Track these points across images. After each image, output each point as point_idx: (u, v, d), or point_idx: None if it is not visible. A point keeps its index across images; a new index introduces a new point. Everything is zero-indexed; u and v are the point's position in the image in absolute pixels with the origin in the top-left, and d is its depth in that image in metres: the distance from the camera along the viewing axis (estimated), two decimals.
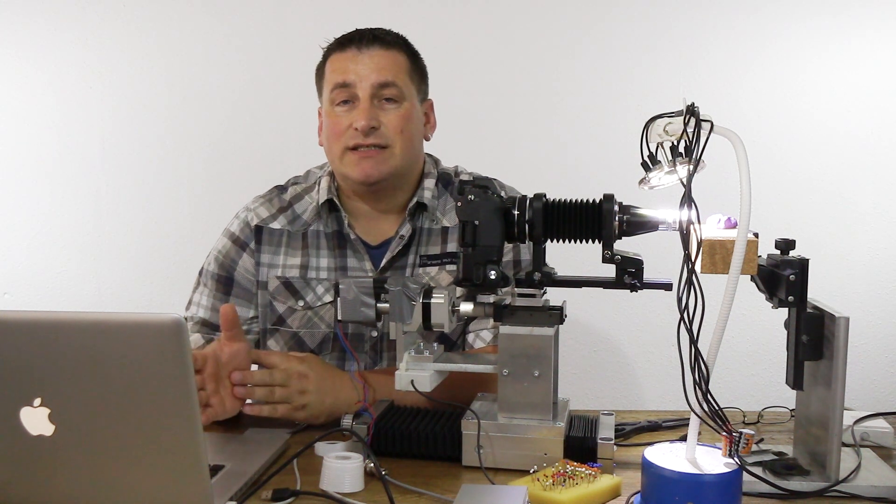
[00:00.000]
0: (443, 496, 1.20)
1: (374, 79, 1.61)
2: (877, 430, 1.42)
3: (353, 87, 1.61)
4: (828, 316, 1.22)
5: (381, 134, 1.61)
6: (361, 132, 1.59)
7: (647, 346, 2.39)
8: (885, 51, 2.30)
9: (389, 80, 1.62)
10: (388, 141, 1.62)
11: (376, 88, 1.61)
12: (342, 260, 1.70)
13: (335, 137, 1.63)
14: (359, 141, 1.60)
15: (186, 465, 0.99)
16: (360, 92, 1.61)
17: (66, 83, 2.42)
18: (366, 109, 1.60)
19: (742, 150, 1.12)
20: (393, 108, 1.63)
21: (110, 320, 0.97)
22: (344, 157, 1.63)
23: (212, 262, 1.72)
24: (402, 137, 1.63)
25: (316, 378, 1.47)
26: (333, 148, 1.64)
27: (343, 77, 1.62)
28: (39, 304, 2.44)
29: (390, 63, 1.64)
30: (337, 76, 1.63)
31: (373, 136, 1.60)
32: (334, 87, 1.63)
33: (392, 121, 1.62)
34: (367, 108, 1.60)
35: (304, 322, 1.70)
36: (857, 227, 2.34)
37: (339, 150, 1.63)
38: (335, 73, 1.64)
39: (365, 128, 1.59)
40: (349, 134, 1.61)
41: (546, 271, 1.33)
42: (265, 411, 1.45)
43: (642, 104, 2.28)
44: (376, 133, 1.60)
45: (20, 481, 1.03)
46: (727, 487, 1.11)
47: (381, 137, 1.61)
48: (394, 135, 1.62)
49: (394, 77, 1.63)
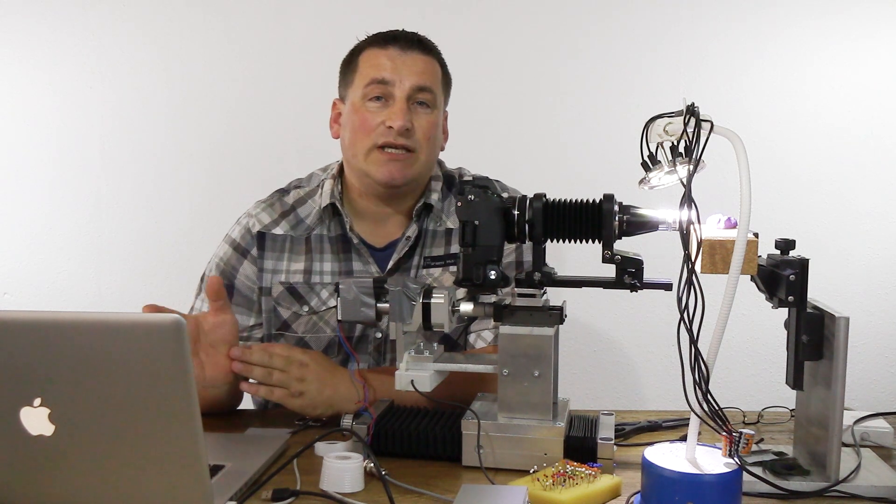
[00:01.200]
0: (443, 496, 1.20)
1: (413, 81, 1.60)
2: (877, 430, 1.42)
3: (391, 86, 1.60)
4: (828, 316, 1.22)
5: (412, 137, 1.60)
6: (397, 131, 1.58)
7: (647, 346, 2.39)
8: (885, 51, 2.30)
9: (427, 84, 1.62)
10: (417, 145, 1.61)
11: (414, 91, 1.61)
12: (346, 264, 1.70)
13: (364, 133, 1.61)
14: (390, 140, 1.59)
15: (186, 465, 0.99)
16: (397, 91, 1.60)
17: (66, 84, 2.42)
18: (403, 110, 1.59)
19: (742, 150, 1.12)
20: (425, 113, 1.63)
21: (110, 320, 0.97)
22: (370, 155, 1.61)
23: (213, 268, 1.72)
24: (429, 144, 1.63)
25: (316, 368, 1.48)
26: (359, 143, 1.62)
27: (382, 73, 1.61)
28: (39, 304, 2.44)
29: (429, 69, 1.64)
30: (375, 71, 1.61)
31: (405, 137, 1.59)
32: (371, 82, 1.61)
33: (423, 126, 1.62)
34: (404, 108, 1.59)
35: (309, 327, 1.69)
36: (857, 227, 2.34)
37: (366, 146, 1.61)
38: (373, 67, 1.62)
39: (401, 128, 1.58)
40: (380, 131, 1.60)
41: (546, 271, 1.33)
42: (261, 392, 1.45)
43: (642, 104, 2.28)
44: (409, 135, 1.60)
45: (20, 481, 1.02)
46: (727, 487, 1.11)
47: (412, 140, 1.60)
48: (423, 140, 1.62)
49: (431, 82, 1.63)
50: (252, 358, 1.47)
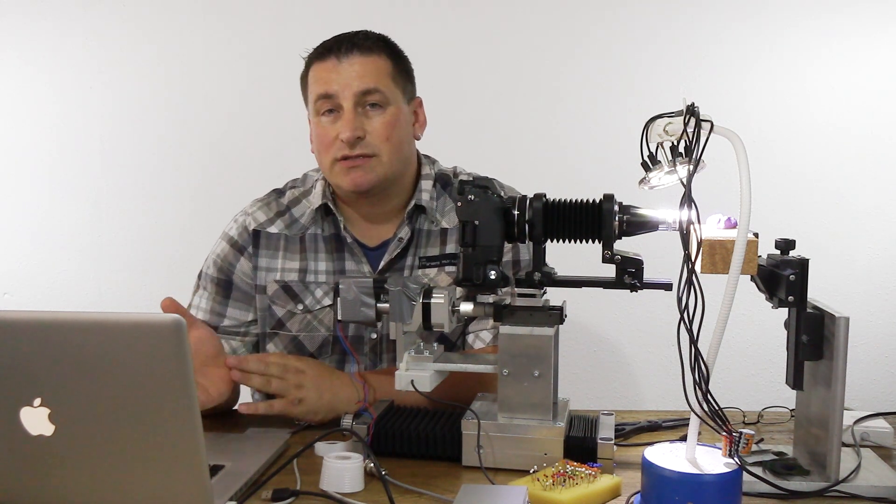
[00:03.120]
0: (443, 496, 1.20)
1: (355, 87, 1.59)
2: (877, 430, 1.42)
3: (336, 98, 1.59)
4: (828, 316, 1.22)
5: (366, 143, 1.59)
6: (346, 143, 1.58)
7: (647, 346, 2.39)
8: (885, 51, 2.30)
9: (371, 86, 1.60)
10: (374, 149, 1.60)
11: (359, 96, 1.59)
12: (340, 263, 1.70)
13: (324, 149, 1.62)
14: (346, 152, 1.59)
15: (186, 465, 0.99)
16: (343, 102, 1.59)
17: (66, 84, 2.42)
18: (350, 120, 1.58)
19: (742, 150, 1.12)
20: (378, 114, 1.61)
21: (110, 320, 0.97)
22: (333, 168, 1.62)
23: (210, 265, 1.72)
24: (389, 144, 1.61)
25: (313, 374, 1.49)
26: (323, 158, 1.64)
27: (325, 88, 1.60)
28: (39, 304, 2.44)
29: (371, 69, 1.61)
30: (319, 87, 1.61)
31: (359, 146, 1.59)
32: (317, 98, 1.61)
33: (377, 128, 1.60)
34: (350, 118, 1.58)
35: (304, 325, 1.70)
36: (857, 227, 2.34)
37: (328, 161, 1.62)
38: (317, 83, 1.62)
39: (350, 139, 1.57)
40: (336, 145, 1.60)
41: (546, 271, 1.33)
42: (261, 408, 1.45)
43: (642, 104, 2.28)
44: (362, 143, 1.59)
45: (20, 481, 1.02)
46: (727, 487, 1.11)
47: (367, 146, 1.59)
48: (380, 142, 1.60)
49: (376, 83, 1.60)
50: (249, 367, 1.47)
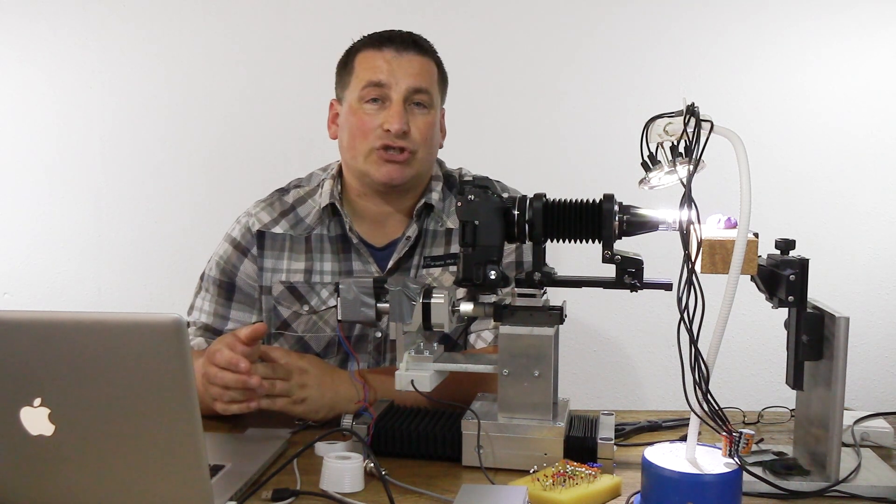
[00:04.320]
0: (443, 496, 1.20)
1: (410, 83, 1.61)
2: (877, 430, 1.42)
3: (388, 88, 1.60)
4: (828, 316, 1.22)
5: (410, 138, 1.61)
6: (394, 134, 1.59)
7: (647, 346, 2.39)
8: (885, 51, 2.30)
9: (424, 86, 1.62)
10: (414, 146, 1.62)
11: (410, 93, 1.61)
12: (346, 264, 1.70)
13: (362, 136, 1.62)
14: (388, 142, 1.60)
15: (186, 465, 0.99)
16: (393, 94, 1.60)
17: (66, 83, 2.42)
18: (400, 112, 1.60)
19: (742, 150, 1.12)
20: (422, 114, 1.63)
21: (110, 320, 0.97)
22: (369, 156, 1.62)
23: (213, 267, 1.72)
24: (427, 144, 1.64)
25: (316, 373, 1.49)
26: (358, 145, 1.63)
27: (378, 76, 1.61)
28: (39, 304, 2.44)
29: (426, 69, 1.64)
30: (371, 74, 1.62)
31: (403, 139, 1.60)
32: (367, 85, 1.61)
33: (420, 127, 1.62)
34: (400, 111, 1.60)
35: (309, 326, 1.70)
36: (857, 227, 2.34)
37: (365, 148, 1.62)
38: (369, 70, 1.62)
39: (398, 131, 1.59)
40: (377, 133, 1.60)
41: (546, 271, 1.33)
42: (264, 404, 1.45)
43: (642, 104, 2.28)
44: (406, 137, 1.60)
45: (20, 481, 1.03)
46: (727, 487, 1.11)
47: (409, 142, 1.61)
48: (420, 141, 1.62)
49: (427, 83, 1.63)
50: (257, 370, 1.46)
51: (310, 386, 1.47)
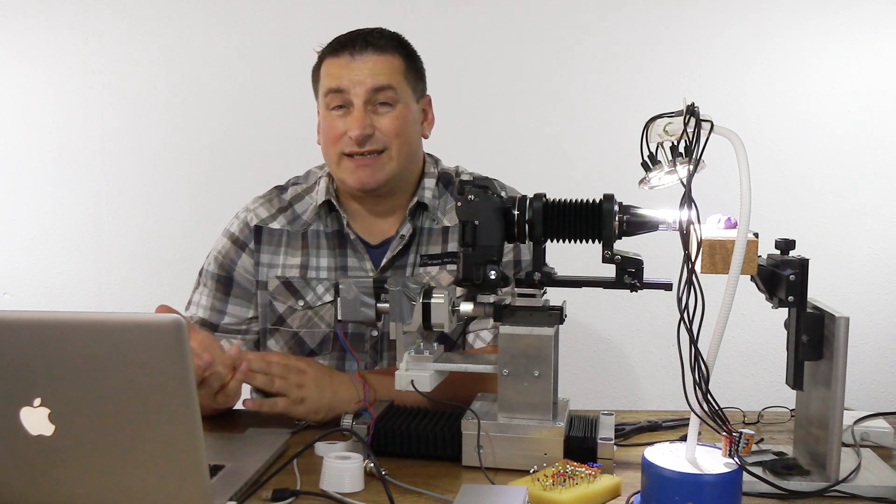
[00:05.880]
0: (443, 496, 1.20)
1: (368, 84, 1.60)
2: (877, 430, 1.42)
3: (347, 93, 1.61)
4: (828, 316, 1.22)
5: (376, 139, 1.61)
6: (355, 141, 1.59)
7: (647, 346, 2.39)
8: (885, 51, 2.30)
9: (384, 83, 1.61)
10: (383, 145, 1.61)
11: (370, 93, 1.60)
12: (342, 260, 1.70)
13: (331, 142, 1.63)
14: (354, 149, 1.60)
15: (186, 465, 0.99)
16: (354, 98, 1.60)
17: (66, 83, 2.42)
18: (359, 118, 1.59)
19: (742, 150, 1.12)
20: (387, 111, 1.62)
21: (110, 320, 0.97)
22: (340, 163, 1.63)
23: (211, 262, 1.72)
24: (398, 140, 1.63)
25: (314, 374, 1.49)
26: (330, 152, 1.65)
27: (336, 83, 1.61)
28: (39, 304, 2.44)
29: (385, 67, 1.62)
30: (330, 81, 1.62)
31: (368, 143, 1.60)
32: (328, 92, 1.63)
33: (387, 125, 1.61)
34: (360, 115, 1.59)
35: (305, 322, 1.70)
36: (857, 227, 2.34)
37: (335, 155, 1.63)
38: (328, 77, 1.63)
39: (359, 137, 1.59)
40: (344, 140, 1.61)
41: (546, 271, 1.33)
42: (264, 406, 1.46)
43: (642, 104, 2.28)
44: (371, 140, 1.60)
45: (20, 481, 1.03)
46: (727, 487, 1.11)
47: (376, 143, 1.61)
48: (389, 138, 1.62)
49: (388, 80, 1.62)
50: (252, 365, 1.47)
51: (308, 386, 1.47)
